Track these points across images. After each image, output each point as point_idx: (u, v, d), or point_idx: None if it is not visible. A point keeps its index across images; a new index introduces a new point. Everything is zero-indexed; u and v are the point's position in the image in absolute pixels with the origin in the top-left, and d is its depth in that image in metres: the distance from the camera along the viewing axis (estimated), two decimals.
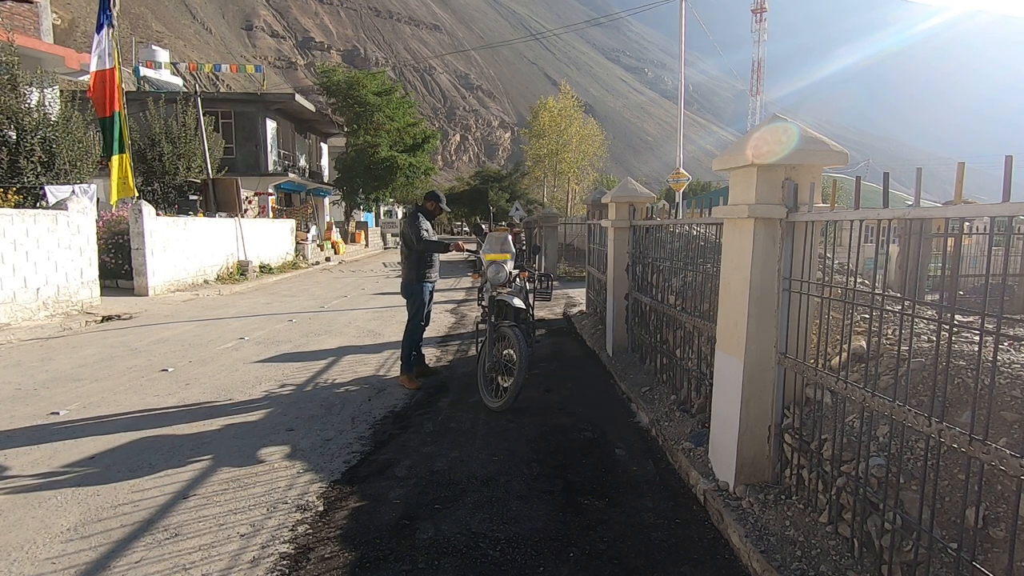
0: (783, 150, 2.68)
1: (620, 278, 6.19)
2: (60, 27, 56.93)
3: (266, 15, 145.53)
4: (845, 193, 15.22)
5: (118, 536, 2.76)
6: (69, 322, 8.19)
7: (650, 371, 5.27)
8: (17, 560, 2.57)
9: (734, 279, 3.06)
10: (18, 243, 8.05)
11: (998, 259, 2.12)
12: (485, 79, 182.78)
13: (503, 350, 4.66)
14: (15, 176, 10.31)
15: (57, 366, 5.93)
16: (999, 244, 3.01)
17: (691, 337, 4.31)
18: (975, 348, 2.53)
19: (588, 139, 37.82)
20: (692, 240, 4.57)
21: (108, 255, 11.12)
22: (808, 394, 2.90)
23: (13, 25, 12.08)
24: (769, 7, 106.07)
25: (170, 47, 61.24)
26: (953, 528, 2.04)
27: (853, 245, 2.47)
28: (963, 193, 2.31)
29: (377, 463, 3.64)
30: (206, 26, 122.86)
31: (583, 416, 4.55)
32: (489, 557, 2.62)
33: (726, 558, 2.66)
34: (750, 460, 3.01)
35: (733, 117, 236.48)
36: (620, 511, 3.06)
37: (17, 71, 10.40)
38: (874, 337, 2.50)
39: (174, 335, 7.60)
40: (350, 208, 30.29)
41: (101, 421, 4.29)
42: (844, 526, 2.47)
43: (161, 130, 16.09)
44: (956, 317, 2.01)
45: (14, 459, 3.62)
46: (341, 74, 28.82)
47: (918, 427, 2.02)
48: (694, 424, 3.90)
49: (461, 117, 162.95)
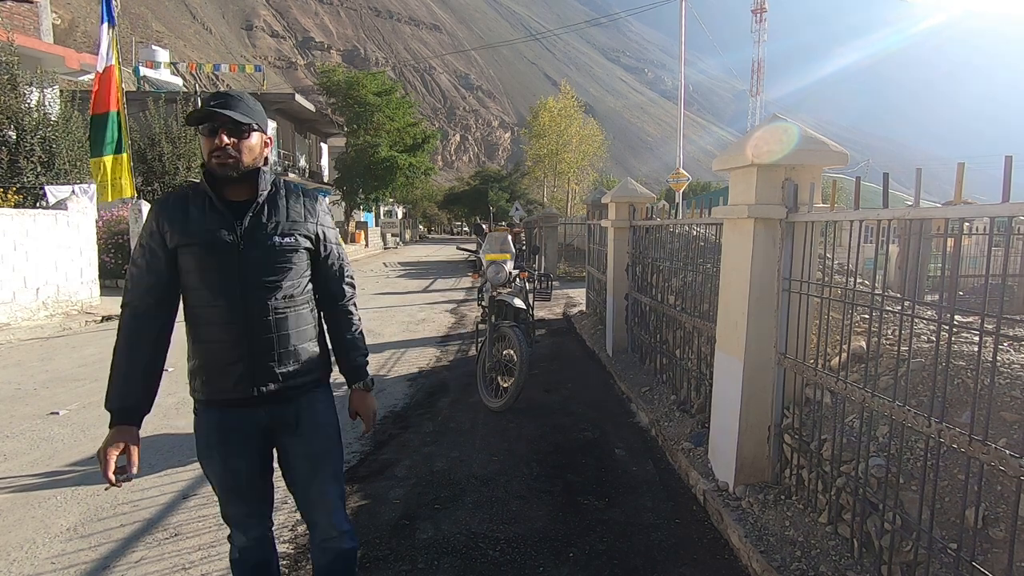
0: (783, 150, 2.69)
1: (620, 278, 6.19)
2: (60, 27, 56.98)
3: (266, 15, 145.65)
4: (845, 193, 15.23)
5: (118, 536, 2.76)
6: (69, 322, 8.19)
7: (650, 371, 5.27)
8: (17, 560, 2.57)
9: (734, 279, 3.06)
10: (18, 243, 8.05)
11: (998, 259, 2.12)
12: (485, 79, 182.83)
13: (503, 350, 4.66)
14: (15, 176, 10.30)
15: (57, 366, 5.94)
16: (999, 244, 3.01)
17: (691, 337, 4.31)
18: (975, 348, 2.53)
19: (588, 139, 37.81)
20: (692, 240, 4.57)
21: (108, 255, 11.12)
22: (808, 394, 2.90)
23: (13, 25, 12.08)
24: (769, 6, 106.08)
25: (170, 47, 61.24)
26: (953, 528, 2.04)
27: (853, 245, 2.47)
28: (963, 193, 2.31)
29: (377, 463, 3.64)
30: (206, 26, 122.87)
31: (583, 416, 4.55)
32: (489, 557, 2.62)
33: (726, 558, 2.66)
34: (750, 460, 3.01)
35: (733, 117, 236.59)
36: (620, 511, 3.06)
37: (17, 71, 10.40)
38: (874, 337, 2.50)
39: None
40: (350, 208, 30.27)
41: (101, 421, 4.29)
42: (844, 526, 2.47)
43: (161, 130, 16.07)
44: (956, 317, 2.01)
45: (14, 459, 3.62)
46: (341, 74, 28.81)
47: (918, 427, 2.02)
48: (694, 424, 3.90)
49: (461, 117, 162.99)
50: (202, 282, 1.62)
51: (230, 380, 1.65)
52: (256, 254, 1.62)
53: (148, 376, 1.65)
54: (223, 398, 1.68)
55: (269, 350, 1.65)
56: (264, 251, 1.62)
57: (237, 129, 1.59)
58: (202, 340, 1.66)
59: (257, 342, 1.64)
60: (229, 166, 1.59)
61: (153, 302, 1.64)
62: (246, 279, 1.61)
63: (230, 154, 1.58)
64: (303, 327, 1.73)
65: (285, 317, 1.68)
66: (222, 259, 1.60)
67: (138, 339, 1.64)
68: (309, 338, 1.76)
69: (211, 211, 1.62)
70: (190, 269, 1.62)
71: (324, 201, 1.76)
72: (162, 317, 1.66)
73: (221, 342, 1.63)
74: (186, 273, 1.63)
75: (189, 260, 1.61)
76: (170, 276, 1.64)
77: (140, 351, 1.63)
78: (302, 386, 1.74)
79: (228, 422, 1.69)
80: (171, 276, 1.64)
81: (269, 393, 1.68)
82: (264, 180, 1.67)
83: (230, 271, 1.60)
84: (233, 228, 1.61)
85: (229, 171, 1.59)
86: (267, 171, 1.69)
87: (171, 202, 1.66)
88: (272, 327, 1.65)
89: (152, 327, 1.65)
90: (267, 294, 1.64)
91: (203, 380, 1.68)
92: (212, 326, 1.63)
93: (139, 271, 1.65)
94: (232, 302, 1.61)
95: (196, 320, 1.66)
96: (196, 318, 1.66)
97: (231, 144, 1.58)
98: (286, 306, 1.68)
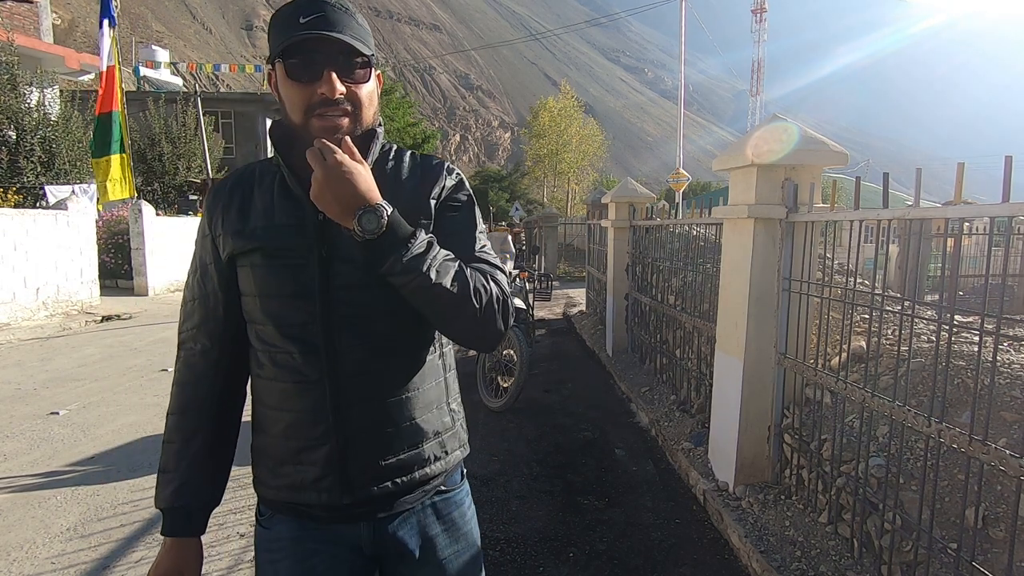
0: (783, 150, 2.69)
1: (620, 278, 6.19)
2: (60, 27, 57.00)
3: (266, 15, 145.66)
4: (845, 193, 15.22)
5: (118, 536, 2.76)
6: (69, 322, 8.19)
7: (650, 371, 5.27)
8: (17, 560, 2.57)
9: (734, 279, 3.06)
10: (18, 243, 8.05)
11: (998, 259, 2.12)
12: (485, 79, 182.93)
13: (503, 350, 4.66)
14: (15, 176, 10.31)
15: (57, 366, 5.94)
16: (999, 244, 3.01)
17: (691, 337, 4.31)
18: (975, 348, 2.53)
19: (588, 139, 37.84)
20: (692, 240, 4.58)
21: (108, 255, 11.12)
22: (808, 394, 2.90)
23: (13, 25, 12.07)
24: (769, 6, 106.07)
25: (170, 47, 61.28)
26: (953, 528, 2.04)
27: (853, 245, 2.47)
28: (963, 193, 2.31)
29: None
30: (206, 26, 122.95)
31: (583, 416, 4.55)
32: (489, 557, 2.62)
33: (726, 558, 2.66)
34: (750, 460, 3.01)
35: (733, 117, 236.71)
36: (620, 511, 3.06)
37: (17, 71, 10.41)
38: (874, 337, 2.50)
39: (174, 335, 7.58)
40: None
41: (101, 421, 4.29)
42: (844, 526, 2.47)
43: (161, 130, 16.09)
44: (956, 317, 2.01)
45: (14, 459, 3.62)
46: None
47: (918, 427, 2.02)
48: (694, 424, 3.90)
49: (461, 117, 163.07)
50: (264, 312, 1.01)
51: (308, 474, 1.01)
52: (346, 268, 0.98)
53: (213, 454, 1.09)
54: (299, 502, 1.03)
55: (371, 427, 1.01)
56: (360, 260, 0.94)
57: (352, 65, 0.96)
58: (265, 403, 1.05)
59: (350, 414, 1.00)
60: (344, 129, 0.96)
61: (209, 343, 1.07)
62: (331, 308, 0.98)
63: (345, 108, 0.96)
64: (426, 385, 1.06)
65: (396, 371, 1.03)
66: (293, 276, 0.99)
67: (194, 399, 1.08)
68: (435, 402, 1.08)
69: (282, 197, 1.01)
70: (248, 291, 1.03)
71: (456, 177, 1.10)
72: (224, 363, 1.08)
73: (293, 412, 1.01)
74: (244, 297, 1.04)
75: (247, 277, 1.02)
76: (228, 302, 1.06)
77: (198, 418, 1.07)
78: (427, 484, 1.08)
79: (307, 544, 1.04)
80: (230, 302, 1.06)
81: (373, 499, 1.03)
82: (376, 147, 1.04)
83: (304, 295, 0.98)
84: (313, 225, 0.98)
85: (341, 135, 0.95)
86: (381, 131, 1.06)
87: (228, 187, 1.06)
88: (374, 388, 1.01)
89: (211, 380, 1.08)
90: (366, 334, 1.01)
91: (269, 469, 1.06)
92: (280, 383, 1.02)
93: (189, 295, 1.10)
94: (308, 345, 0.99)
95: (259, 371, 1.05)
96: (259, 367, 1.04)
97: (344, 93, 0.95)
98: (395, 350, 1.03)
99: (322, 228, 0.97)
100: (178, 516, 1.05)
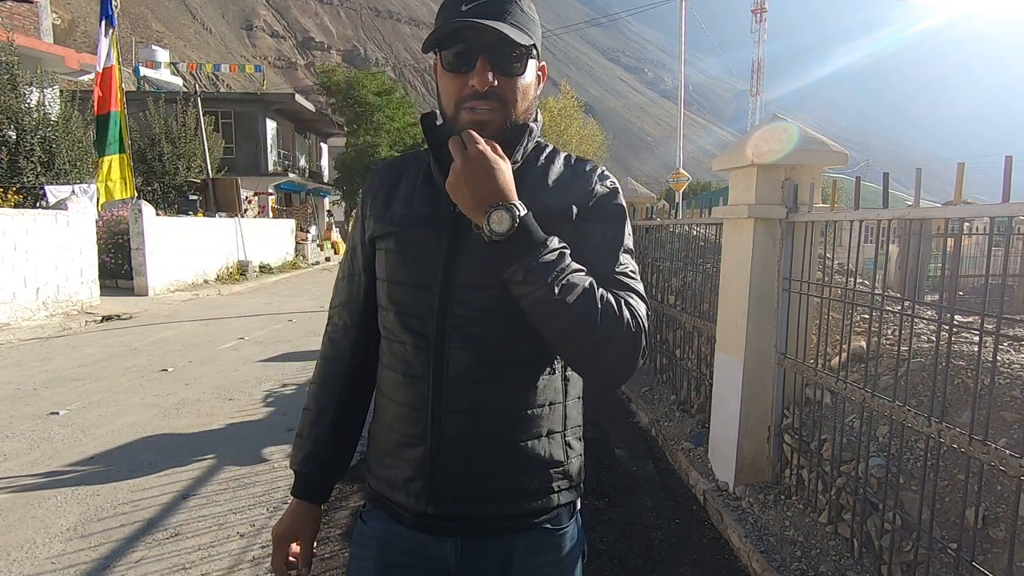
0: (783, 150, 2.69)
1: None
2: (60, 27, 57.00)
3: (266, 15, 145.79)
4: (845, 193, 15.22)
5: (118, 536, 2.76)
6: (69, 322, 8.19)
7: (650, 371, 5.27)
8: (17, 560, 2.57)
9: (734, 279, 3.06)
10: (18, 243, 8.05)
11: (998, 259, 2.12)
12: None
13: None
14: (15, 176, 10.31)
15: (57, 366, 5.93)
16: (999, 244, 3.01)
17: (691, 337, 4.31)
18: (975, 348, 2.53)
19: (588, 139, 37.83)
20: (692, 240, 4.58)
21: (108, 255, 11.12)
22: (808, 394, 2.90)
23: (13, 25, 12.08)
24: (769, 6, 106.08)
25: (170, 47, 61.26)
26: (953, 528, 2.04)
27: (853, 245, 2.47)
28: (963, 193, 2.31)
29: None
30: (206, 26, 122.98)
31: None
32: None
33: (726, 558, 2.66)
34: (750, 460, 3.02)
35: (733, 117, 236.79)
36: (620, 511, 3.06)
37: (17, 71, 10.41)
38: (874, 337, 2.50)
39: (174, 335, 7.61)
40: (350, 208, 30.29)
41: (101, 421, 4.29)
42: (844, 526, 2.47)
43: (161, 130, 16.10)
44: (956, 317, 2.01)
45: (14, 459, 3.62)
46: (341, 74, 28.87)
47: (918, 427, 2.03)
48: (694, 424, 3.91)
49: None
50: (390, 298, 0.99)
51: (402, 472, 0.97)
52: (470, 266, 0.92)
53: (339, 429, 1.09)
54: (392, 499, 0.99)
55: (465, 439, 0.94)
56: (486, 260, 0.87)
57: (507, 56, 0.90)
58: (382, 391, 1.03)
59: (447, 419, 0.94)
60: (493, 124, 0.91)
61: (350, 322, 1.09)
62: (448, 304, 0.93)
63: (497, 100, 0.91)
64: (538, 408, 0.96)
65: (504, 384, 0.94)
66: (419, 265, 0.96)
67: (332, 375, 1.10)
68: (548, 429, 0.97)
69: (424, 186, 1.00)
70: (380, 275, 1.02)
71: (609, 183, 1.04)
72: (362, 344, 1.08)
73: (399, 404, 0.98)
74: (378, 281, 1.03)
75: (381, 261, 1.02)
76: (369, 284, 1.05)
77: (330, 393, 1.09)
78: (522, 519, 0.97)
79: (393, 553, 1.00)
80: (371, 284, 1.05)
81: (457, 517, 0.96)
82: (527, 143, 0.98)
83: (426, 285, 0.94)
84: (447, 217, 0.94)
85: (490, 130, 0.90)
86: (536, 127, 0.99)
87: (384, 170, 1.07)
88: (476, 397, 0.93)
89: (347, 359, 1.09)
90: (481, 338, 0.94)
91: (376, 458, 1.04)
92: (393, 373, 0.99)
93: (340, 272, 1.13)
94: (421, 338, 0.94)
95: (382, 357, 1.04)
96: (382, 353, 1.04)
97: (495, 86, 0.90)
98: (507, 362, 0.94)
99: (456, 221, 0.93)
100: (303, 480, 1.09)
